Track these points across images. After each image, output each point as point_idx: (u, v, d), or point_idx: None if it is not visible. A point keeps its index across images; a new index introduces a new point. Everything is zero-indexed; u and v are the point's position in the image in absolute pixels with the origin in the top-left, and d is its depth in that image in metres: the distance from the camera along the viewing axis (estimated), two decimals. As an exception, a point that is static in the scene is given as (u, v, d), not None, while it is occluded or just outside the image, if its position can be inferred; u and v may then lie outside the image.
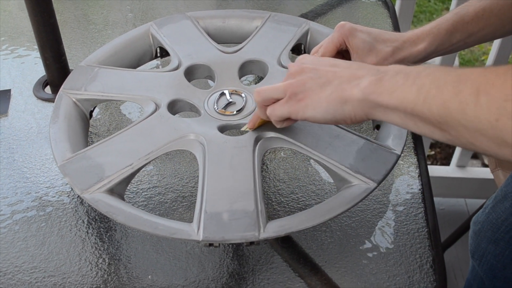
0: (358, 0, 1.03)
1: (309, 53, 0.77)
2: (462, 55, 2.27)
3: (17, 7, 1.01)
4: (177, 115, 0.65)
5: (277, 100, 0.55)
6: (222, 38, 0.79)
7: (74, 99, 0.67)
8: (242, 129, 0.62)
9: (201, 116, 0.65)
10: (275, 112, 0.55)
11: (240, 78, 0.70)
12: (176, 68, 0.71)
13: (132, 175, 0.59)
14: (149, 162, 0.59)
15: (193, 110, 0.68)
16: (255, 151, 0.59)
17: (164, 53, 0.77)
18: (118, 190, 0.58)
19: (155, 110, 0.64)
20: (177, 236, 0.52)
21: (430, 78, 0.45)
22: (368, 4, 1.02)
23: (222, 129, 0.63)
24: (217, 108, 0.65)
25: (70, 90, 0.68)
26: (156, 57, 0.78)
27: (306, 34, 0.77)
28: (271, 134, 0.61)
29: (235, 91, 0.67)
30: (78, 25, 0.96)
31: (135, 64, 0.76)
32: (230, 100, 0.66)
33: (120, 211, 0.55)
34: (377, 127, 0.67)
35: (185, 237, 0.52)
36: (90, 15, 0.99)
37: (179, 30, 0.76)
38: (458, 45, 0.66)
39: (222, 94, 0.67)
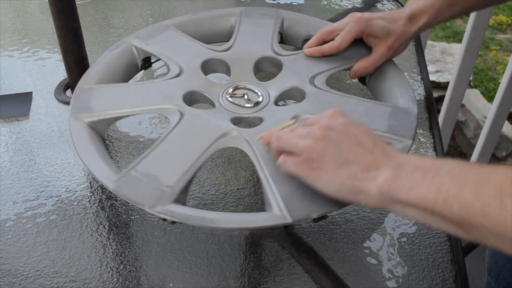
0: (379, 10, 1.03)
1: (290, 39, 0.80)
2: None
3: (38, 9, 1.02)
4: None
5: (292, 152, 0.53)
6: (207, 39, 0.79)
7: (86, 122, 0.63)
8: (257, 138, 0.61)
9: (216, 108, 0.66)
10: (286, 167, 0.54)
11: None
12: (179, 74, 0.70)
13: (191, 180, 0.57)
14: (203, 165, 0.58)
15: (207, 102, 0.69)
16: None
17: (147, 64, 0.76)
18: (181, 199, 0.56)
19: (182, 115, 0.63)
20: (270, 223, 0.52)
21: (449, 176, 0.43)
22: (388, 13, 1.01)
23: (235, 121, 0.65)
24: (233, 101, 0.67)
25: (82, 114, 0.64)
26: (141, 69, 0.76)
27: (282, 23, 0.80)
28: None
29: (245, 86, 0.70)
30: (99, 29, 0.96)
31: (127, 78, 0.74)
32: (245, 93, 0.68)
33: (200, 217, 0.53)
34: None
35: (278, 222, 0.52)
36: (111, 19, 0.99)
37: (164, 39, 0.75)
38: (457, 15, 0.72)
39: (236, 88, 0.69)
